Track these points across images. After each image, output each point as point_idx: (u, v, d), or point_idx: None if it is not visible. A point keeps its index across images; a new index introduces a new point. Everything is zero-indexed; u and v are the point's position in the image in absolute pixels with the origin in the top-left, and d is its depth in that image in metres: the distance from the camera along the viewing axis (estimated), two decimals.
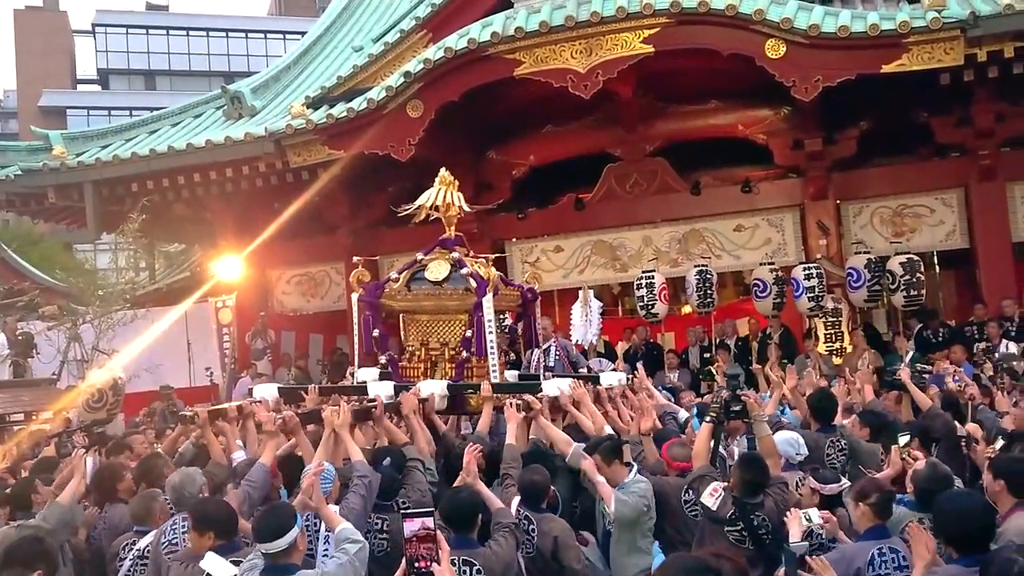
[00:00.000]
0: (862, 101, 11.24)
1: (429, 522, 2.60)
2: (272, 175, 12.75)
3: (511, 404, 5.67)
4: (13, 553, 3.78)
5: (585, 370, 10.14)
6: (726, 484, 4.79)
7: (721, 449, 5.74)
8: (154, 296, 16.72)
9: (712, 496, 4.69)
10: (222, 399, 13.32)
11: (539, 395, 5.98)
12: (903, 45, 9.59)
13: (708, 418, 5.26)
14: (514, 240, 13.77)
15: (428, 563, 2.57)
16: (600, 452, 5.17)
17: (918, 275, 10.90)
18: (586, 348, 11.69)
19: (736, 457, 5.50)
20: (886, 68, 9.71)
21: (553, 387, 6.12)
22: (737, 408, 5.29)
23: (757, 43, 9.99)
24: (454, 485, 4.75)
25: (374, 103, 11.39)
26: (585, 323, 11.55)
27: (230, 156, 12.54)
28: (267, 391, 6.42)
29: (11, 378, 13.27)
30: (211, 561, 3.98)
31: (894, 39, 9.59)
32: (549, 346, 9.83)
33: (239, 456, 5.62)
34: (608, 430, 5.71)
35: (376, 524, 4.69)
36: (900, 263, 10.90)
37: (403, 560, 2.60)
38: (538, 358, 8.30)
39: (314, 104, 12.92)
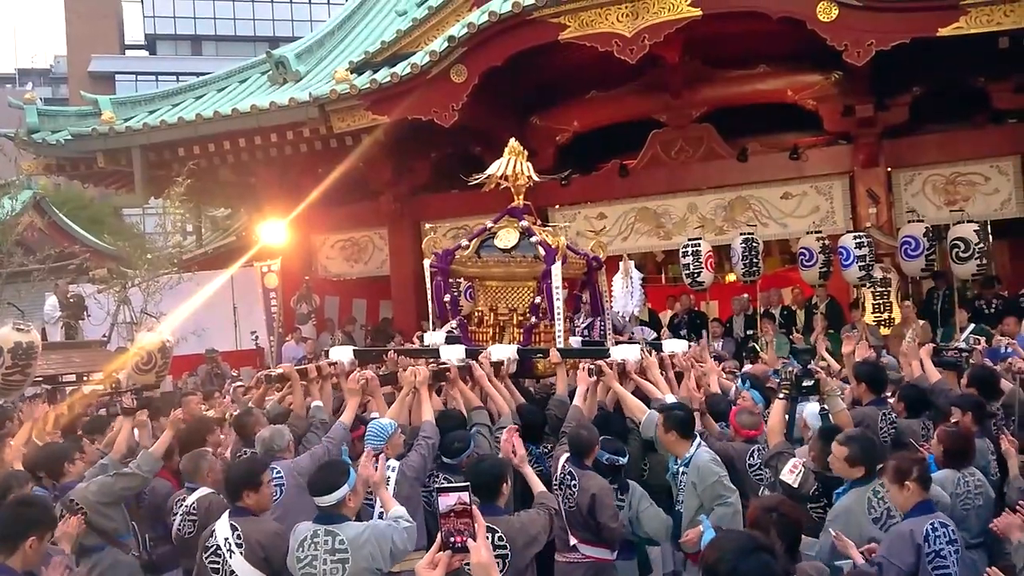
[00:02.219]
0: (915, 65, 10.92)
1: (465, 497, 2.58)
2: (316, 140, 12.79)
3: (584, 368, 5.76)
4: (7, 519, 3.70)
5: (626, 338, 10.10)
6: (805, 460, 4.72)
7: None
8: (200, 260, 16.92)
9: (792, 473, 4.60)
10: (268, 362, 13.50)
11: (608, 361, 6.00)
12: (961, 7, 9.29)
13: (781, 395, 5.20)
14: (557, 207, 13.69)
15: (464, 538, 2.56)
16: (663, 417, 5.09)
17: (989, 244, 10.60)
18: (627, 318, 11.62)
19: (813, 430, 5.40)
20: (942, 31, 9.43)
21: (621, 353, 6.13)
22: (809, 384, 5.21)
23: (809, 5, 9.75)
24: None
25: (418, 68, 11.34)
26: (627, 294, 11.48)
27: (275, 121, 12.61)
28: (343, 354, 6.61)
29: (63, 340, 13.56)
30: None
31: (952, 1, 9.29)
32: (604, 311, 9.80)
33: (317, 404, 5.89)
34: (671, 399, 5.68)
35: (441, 482, 4.82)
36: (974, 230, 10.51)
37: (439, 534, 2.58)
38: (581, 328, 8.30)
39: (358, 69, 12.90)
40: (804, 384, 5.19)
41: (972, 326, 9.94)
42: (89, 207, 28.09)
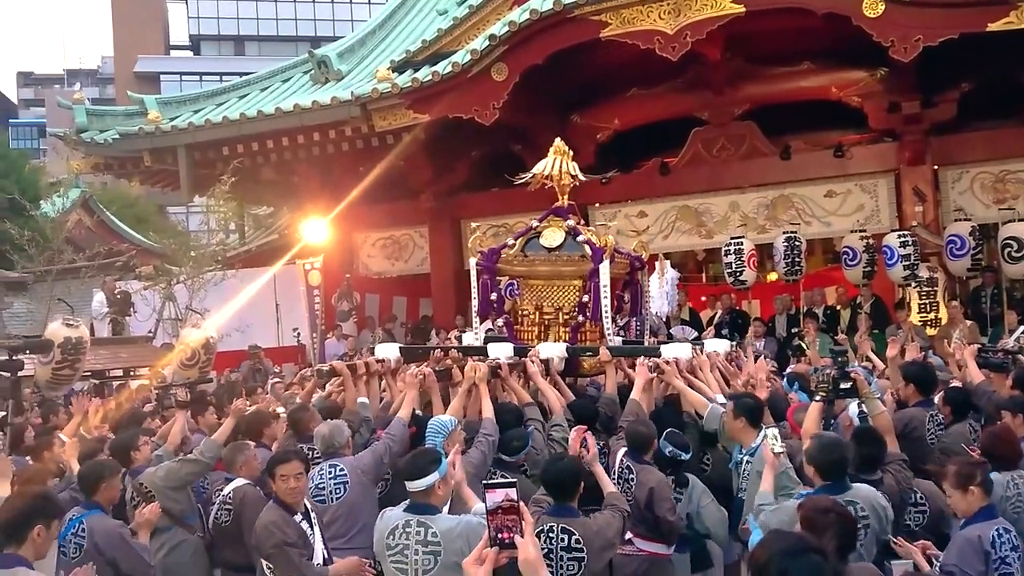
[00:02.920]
0: (963, 61, 10.73)
1: (512, 493, 2.58)
2: (357, 139, 12.88)
3: (642, 363, 5.76)
4: (13, 511, 3.73)
5: (664, 338, 10.06)
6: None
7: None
8: (244, 257, 17.13)
9: None
10: (310, 359, 13.62)
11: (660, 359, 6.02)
12: (1012, 2, 9.10)
13: (818, 397, 5.14)
14: (597, 205, 13.65)
15: (511, 534, 2.56)
16: (734, 404, 5.17)
17: None
18: (662, 319, 11.53)
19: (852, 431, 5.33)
20: (992, 26, 9.24)
21: (673, 352, 6.15)
22: (846, 386, 5.13)
23: (854, 1, 9.61)
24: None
25: (459, 67, 11.37)
26: (662, 295, 11.40)
27: (317, 120, 12.72)
28: (389, 351, 6.63)
29: (110, 335, 13.80)
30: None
31: None
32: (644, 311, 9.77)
33: (363, 400, 5.95)
34: (721, 398, 5.71)
35: (499, 479, 4.78)
36: None
37: (486, 531, 2.59)
38: (620, 326, 8.27)
39: (399, 68, 12.97)
40: (841, 386, 5.12)
41: (1022, 327, 9.75)
42: (135, 205, 28.56)
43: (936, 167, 11.91)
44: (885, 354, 9.63)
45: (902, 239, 10.68)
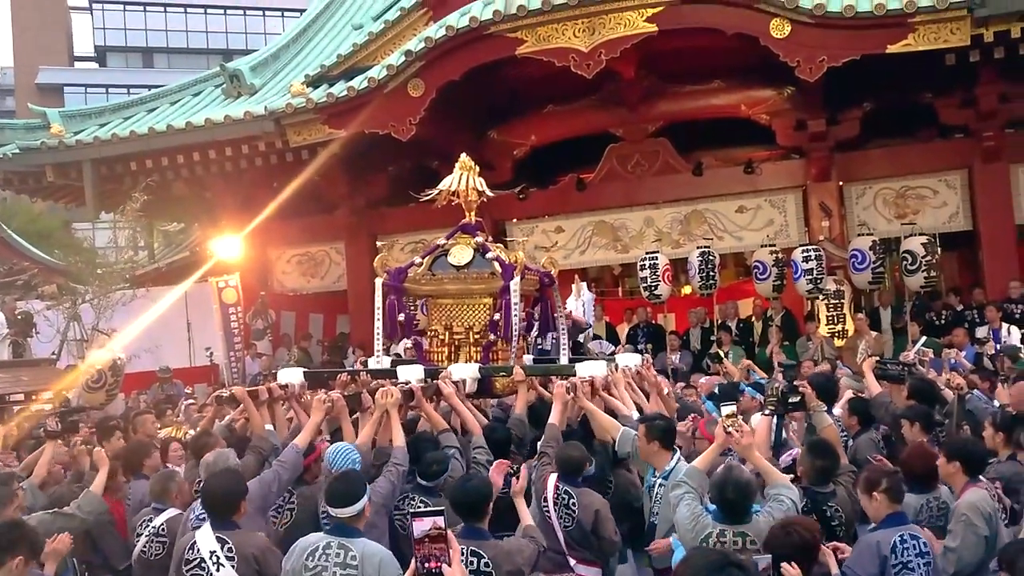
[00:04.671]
0: (866, 81, 11.16)
1: (440, 521, 2.57)
2: (272, 154, 12.70)
3: (560, 384, 5.63)
4: None
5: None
6: (793, 475, 4.71)
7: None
8: (153, 275, 16.68)
9: None
10: (223, 379, 13.31)
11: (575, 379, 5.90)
12: (909, 25, 9.51)
13: (767, 411, 5.20)
14: (515, 221, 13.71)
15: (439, 563, 2.54)
16: (646, 427, 5.07)
17: (936, 256, 10.82)
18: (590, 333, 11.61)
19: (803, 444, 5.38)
20: (892, 48, 9.64)
21: (588, 370, 6.04)
22: (795, 400, 5.20)
23: (762, 22, 9.90)
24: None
25: (375, 82, 11.31)
26: (580, 315, 11.47)
27: (229, 135, 12.48)
28: (293, 375, 6.36)
29: (10, 358, 13.23)
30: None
31: (900, 19, 9.51)
32: (556, 327, 9.76)
33: (271, 429, 5.71)
34: (636, 415, 5.66)
35: (418, 505, 4.75)
36: (921, 243, 10.72)
37: (413, 560, 2.56)
38: (534, 342, 8.25)
39: (313, 83, 12.83)
40: (790, 400, 5.18)
41: (923, 339, 10.14)
42: (37, 221, 27.46)
43: (841, 183, 12.32)
44: (798, 362, 9.99)
45: (805, 254, 11.00)
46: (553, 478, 4.94)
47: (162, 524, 4.92)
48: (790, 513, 4.01)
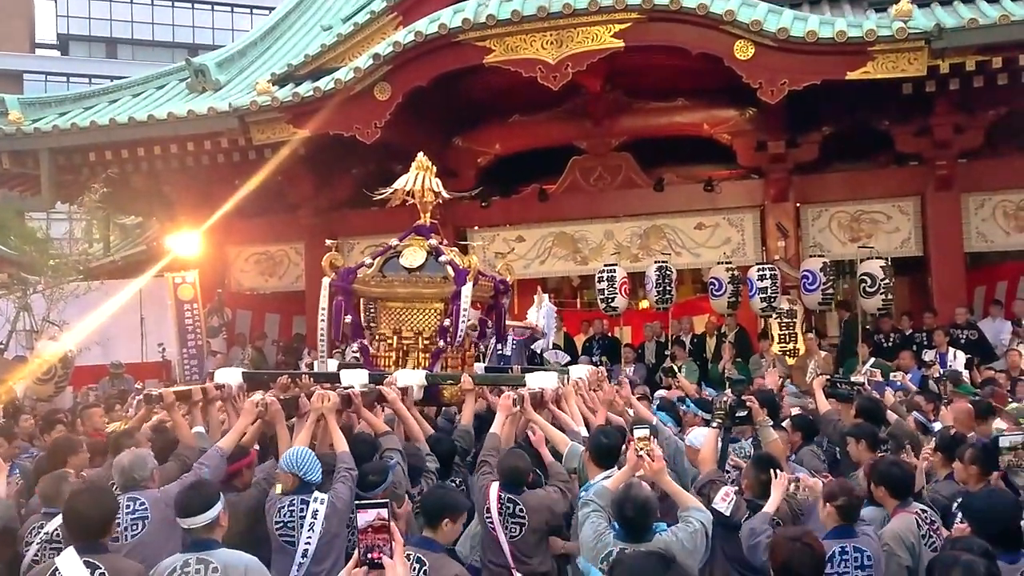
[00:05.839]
0: (825, 106, 11.39)
1: (384, 513, 2.59)
2: (234, 151, 12.61)
3: (506, 395, 5.45)
4: None
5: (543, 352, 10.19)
6: (738, 488, 4.76)
7: None
8: (108, 269, 16.41)
9: (724, 501, 4.58)
10: (176, 376, 13.16)
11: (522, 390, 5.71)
12: (869, 53, 9.72)
13: (714, 424, 5.25)
14: (476, 228, 13.74)
15: (380, 554, 2.57)
16: (591, 444, 4.96)
17: (892, 279, 11.03)
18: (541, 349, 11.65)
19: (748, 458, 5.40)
20: (851, 75, 9.84)
21: (538, 382, 5.87)
22: (742, 414, 5.26)
23: (726, 44, 10.05)
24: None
25: (341, 84, 11.28)
26: (538, 325, 11.53)
27: (192, 130, 12.37)
28: (231, 376, 6.09)
29: None
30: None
31: (860, 47, 9.72)
32: (506, 336, 9.80)
33: (199, 431, 5.48)
34: (584, 430, 5.53)
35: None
36: (880, 266, 10.92)
37: (356, 550, 2.59)
38: (493, 347, 8.24)
39: (279, 81, 12.76)
40: (737, 414, 5.24)
41: (872, 359, 10.36)
42: None
43: (798, 204, 12.53)
44: (751, 378, 10.15)
45: (760, 272, 11.18)
46: (495, 487, 4.81)
47: (55, 530, 4.40)
48: (697, 535, 3.97)
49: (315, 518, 4.35)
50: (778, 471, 4.70)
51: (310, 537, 4.32)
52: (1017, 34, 9.60)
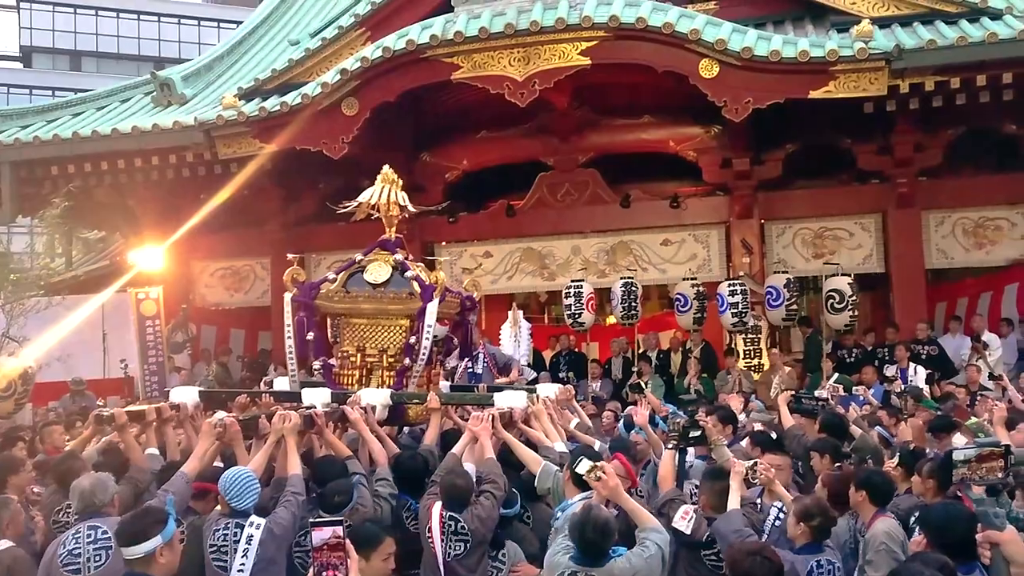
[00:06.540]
0: (789, 124, 11.56)
1: (340, 531, 2.58)
2: (200, 165, 12.52)
3: (476, 417, 5.36)
4: None
5: (516, 371, 10.17)
6: (697, 507, 4.75)
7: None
8: (70, 284, 16.19)
9: (684, 519, 4.56)
10: (138, 393, 12.99)
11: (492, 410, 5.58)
12: (831, 72, 9.89)
13: (669, 445, 5.25)
14: (444, 244, 13.73)
15: (335, 572, 2.56)
16: (570, 463, 4.83)
17: (858, 296, 11.16)
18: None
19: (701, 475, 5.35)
20: (814, 94, 10.00)
21: (507, 401, 5.75)
22: (696, 434, 5.25)
23: (692, 62, 10.18)
24: None
25: (309, 99, 11.26)
26: (514, 343, 11.55)
27: (157, 144, 12.27)
28: (187, 395, 5.95)
29: None
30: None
31: (822, 66, 9.88)
32: (477, 353, 9.79)
33: (152, 452, 5.35)
34: (560, 447, 5.49)
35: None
36: (848, 283, 11.05)
37: (311, 568, 2.57)
38: (465, 365, 8.19)
39: (246, 96, 12.72)
40: (691, 434, 5.24)
41: (836, 375, 10.47)
42: None
43: (763, 221, 12.66)
44: (715, 395, 10.21)
45: (731, 288, 11.29)
46: (438, 506, 4.70)
47: None
48: (653, 560, 3.91)
49: (249, 543, 4.19)
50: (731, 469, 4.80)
51: (243, 564, 4.16)
52: (974, 55, 9.85)
